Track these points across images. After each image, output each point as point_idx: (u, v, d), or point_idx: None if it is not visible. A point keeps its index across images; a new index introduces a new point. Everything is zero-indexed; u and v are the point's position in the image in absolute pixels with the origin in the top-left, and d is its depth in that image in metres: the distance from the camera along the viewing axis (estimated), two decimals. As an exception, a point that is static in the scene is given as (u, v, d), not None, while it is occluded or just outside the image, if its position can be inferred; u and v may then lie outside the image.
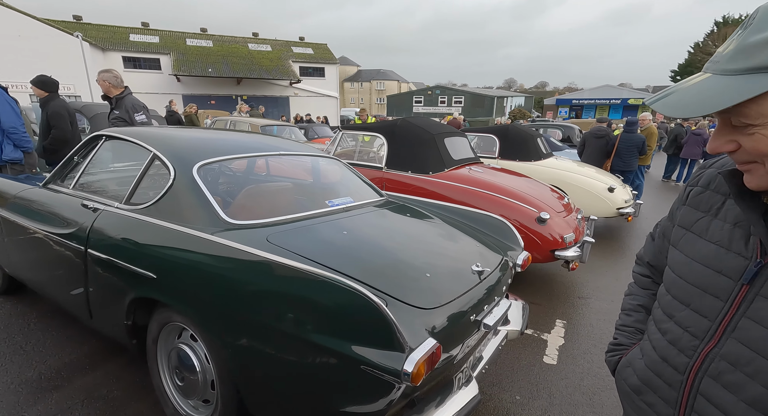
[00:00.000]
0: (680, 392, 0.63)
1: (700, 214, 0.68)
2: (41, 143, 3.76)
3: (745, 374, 0.55)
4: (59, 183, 2.22)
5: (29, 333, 2.31)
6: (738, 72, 0.48)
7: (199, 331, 1.47)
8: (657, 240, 0.85)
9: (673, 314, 0.66)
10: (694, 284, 0.64)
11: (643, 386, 0.70)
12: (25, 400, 1.79)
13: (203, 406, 1.61)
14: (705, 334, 0.60)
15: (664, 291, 0.70)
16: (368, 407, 1.18)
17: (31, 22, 17.38)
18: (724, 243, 0.62)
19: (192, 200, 1.67)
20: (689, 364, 0.62)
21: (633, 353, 0.76)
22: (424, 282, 1.45)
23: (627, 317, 0.86)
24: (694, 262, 0.65)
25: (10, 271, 2.48)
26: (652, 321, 0.72)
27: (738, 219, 0.61)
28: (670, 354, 0.65)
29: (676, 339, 0.64)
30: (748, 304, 0.56)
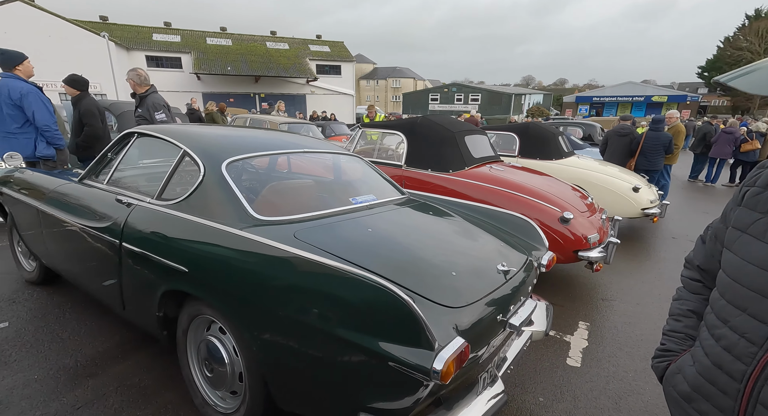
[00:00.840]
0: (738, 400, 0.61)
1: (758, 215, 0.65)
2: (74, 140, 3.91)
3: None
4: (94, 178, 2.30)
5: (65, 322, 2.42)
6: None
7: (228, 324, 1.50)
8: (708, 243, 0.82)
9: (728, 319, 0.64)
10: (750, 288, 0.62)
11: (695, 393, 0.68)
12: (63, 386, 1.87)
13: (231, 397, 1.65)
14: (765, 341, 0.58)
15: (718, 296, 0.68)
16: (395, 404, 1.19)
17: (61, 23, 18.04)
18: None
19: (221, 196, 1.71)
20: (747, 372, 0.60)
21: (683, 360, 0.75)
22: (450, 281, 1.45)
23: (676, 322, 0.84)
24: (751, 265, 0.63)
25: (47, 262, 2.59)
26: (705, 328, 0.70)
27: None
28: (724, 361, 0.63)
29: (732, 345, 0.63)
30: None
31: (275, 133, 2.74)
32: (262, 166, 2.67)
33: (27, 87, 3.34)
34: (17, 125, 3.35)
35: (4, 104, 3.28)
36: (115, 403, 1.78)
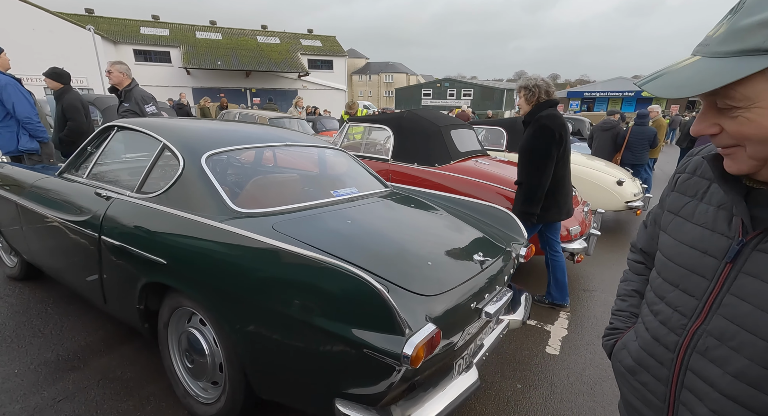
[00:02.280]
0: (671, 369, 0.65)
1: (687, 199, 0.70)
2: (57, 135, 3.85)
3: (730, 348, 0.57)
4: (73, 172, 2.29)
5: (47, 318, 2.41)
6: (728, 54, 0.49)
7: (208, 315, 1.52)
8: (649, 228, 0.87)
9: (664, 295, 0.69)
10: (682, 265, 0.66)
11: (637, 366, 0.73)
12: (44, 379, 1.87)
13: (212, 387, 1.67)
14: (693, 312, 0.63)
15: (656, 275, 0.73)
16: (369, 389, 1.22)
17: (45, 16, 17.61)
18: (709, 225, 0.64)
19: (200, 189, 1.72)
20: (679, 342, 0.64)
21: (628, 336, 0.79)
22: (426, 271, 1.48)
23: (622, 302, 0.89)
24: (682, 245, 0.67)
25: (28, 258, 2.57)
26: (645, 305, 0.75)
27: (721, 201, 0.64)
28: (661, 334, 0.67)
29: (667, 319, 0.67)
30: (731, 282, 0.59)
31: (260, 127, 2.74)
32: (247, 160, 2.67)
33: (4, 79, 3.28)
34: None
35: None
36: (97, 396, 1.79)
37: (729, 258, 0.59)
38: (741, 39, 0.48)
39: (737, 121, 0.53)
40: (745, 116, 0.52)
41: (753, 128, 0.52)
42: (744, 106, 0.51)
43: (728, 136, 0.55)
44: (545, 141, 2.42)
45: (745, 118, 0.52)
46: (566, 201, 2.64)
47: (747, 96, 0.50)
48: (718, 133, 0.56)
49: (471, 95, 41.35)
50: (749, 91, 0.50)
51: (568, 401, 1.91)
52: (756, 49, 0.47)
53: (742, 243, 0.58)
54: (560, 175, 2.55)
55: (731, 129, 0.54)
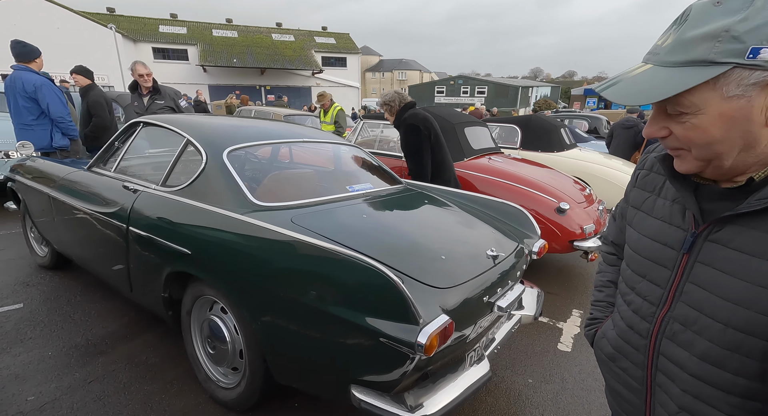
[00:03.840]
0: (646, 354, 0.70)
1: (647, 194, 0.75)
2: (82, 130, 4.01)
3: (693, 332, 0.62)
4: (102, 166, 2.39)
5: (76, 304, 2.53)
6: (677, 64, 0.53)
7: (229, 304, 1.59)
8: (617, 221, 0.92)
9: (634, 286, 0.73)
10: (647, 257, 0.71)
11: (617, 353, 0.77)
12: (75, 362, 1.98)
13: (232, 373, 1.75)
14: (659, 301, 0.68)
15: (626, 266, 0.77)
16: (383, 376, 1.27)
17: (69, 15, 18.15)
18: (667, 219, 0.69)
19: (222, 182, 1.79)
20: (650, 329, 0.69)
21: (606, 325, 0.83)
22: (439, 264, 1.52)
23: (599, 293, 0.93)
24: (646, 238, 0.72)
25: (58, 248, 2.70)
26: (619, 295, 0.79)
27: (675, 196, 0.69)
28: (634, 322, 0.72)
29: (638, 307, 0.71)
30: (689, 271, 0.63)
31: (277, 124, 2.81)
32: (264, 156, 2.74)
33: (40, 79, 3.43)
34: (33, 117, 3.46)
35: (19, 97, 3.38)
36: (124, 378, 1.88)
37: (685, 249, 0.64)
38: (687, 50, 0.52)
39: (685, 126, 0.56)
40: (691, 122, 0.55)
41: (699, 133, 0.55)
42: (691, 112, 0.55)
43: (676, 139, 0.59)
44: (414, 134, 2.81)
45: (691, 124, 0.55)
46: (450, 178, 3.01)
47: (694, 103, 0.54)
48: (667, 136, 0.59)
49: (485, 92, 40.91)
50: (696, 98, 0.53)
51: (579, 397, 1.92)
52: (701, 60, 0.51)
53: (695, 235, 0.63)
54: (439, 158, 2.93)
55: (679, 133, 0.58)
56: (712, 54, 0.50)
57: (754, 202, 0.56)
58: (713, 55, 0.50)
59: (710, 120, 0.54)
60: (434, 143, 2.87)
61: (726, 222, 0.60)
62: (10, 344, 2.10)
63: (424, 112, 2.93)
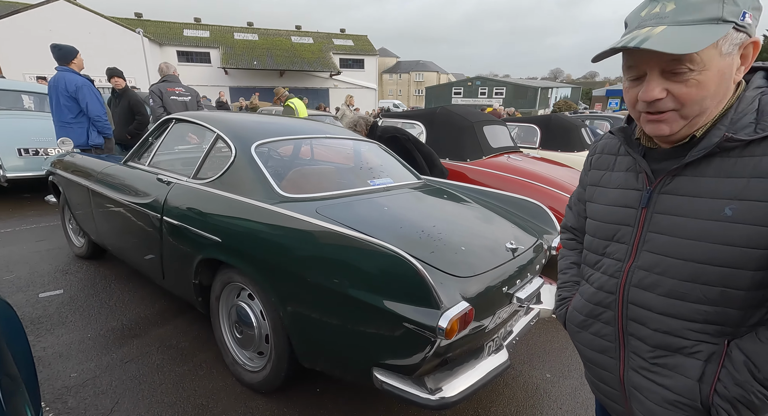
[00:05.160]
0: (615, 309, 0.77)
1: (603, 172, 0.86)
2: (122, 129, 4.23)
3: (657, 274, 0.70)
4: (137, 160, 2.53)
5: (111, 292, 2.68)
6: (693, 22, 0.60)
7: (257, 290, 1.67)
8: (573, 207, 1.01)
9: (603, 251, 0.81)
10: (611, 222, 0.80)
11: (588, 319, 0.84)
12: (112, 343, 2.11)
13: (258, 357, 1.83)
14: (625, 255, 0.76)
15: (591, 238, 0.86)
16: (405, 360, 1.31)
17: (100, 20, 18.96)
18: (623, 185, 0.79)
19: (251, 175, 1.87)
20: (618, 283, 0.76)
21: (575, 300, 0.91)
22: (459, 255, 1.56)
23: (564, 275, 1.00)
24: (609, 206, 0.81)
25: (95, 238, 2.86)
26: (586, 267, 0.88)
27: (628, 165, 0.80)
28: (603, 283, 0.80)
29: (607, 268, 0.80)
30: (648, 222, 0.73)
31: (300, 121, 2.90)
32: (287, 153, 2.84)
33: (81, 80, 3.64)
34: (72, 115, 3.67)
35: (61, 96, 3.60)
36: (157, 360, 1.99)
37: (643, 203, 0.74)
38: (699, 10, 0.60)
39: (688, 83, 0.62)
40: (696, 78, 0.61)
41: (700, 89, 0.62)
42: (698, 69, 0.61)
43: (672, 100, 0.64)
44: (396, 143, 3.04)
45: (695, 81, 0.62)
46: (440, 165, 3.28)
47: (703, 60, 0.60)
48: (664, 97, 0.64)
49: (503, 94, 40.47)
50: (705, 55, 0.60)
51: (597, 392, 1.92)
52: (715, 18, 0.59)
53: (650, 191, 0.73)
54: (425, 151, 3.17)
55: (680, 92, 0.63)
56: (723, 13, 0.58)
57: (694, 153, 0.67)
58: (725, 14, 0.58)
59: (711, 75, 0.61)
60: (414, 141, 3.14)
61: (674, 176, 0.70)
62: (53, 326, 2.25)
63: (388, 125, 3.47)
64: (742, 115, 0.65)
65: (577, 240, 1.00)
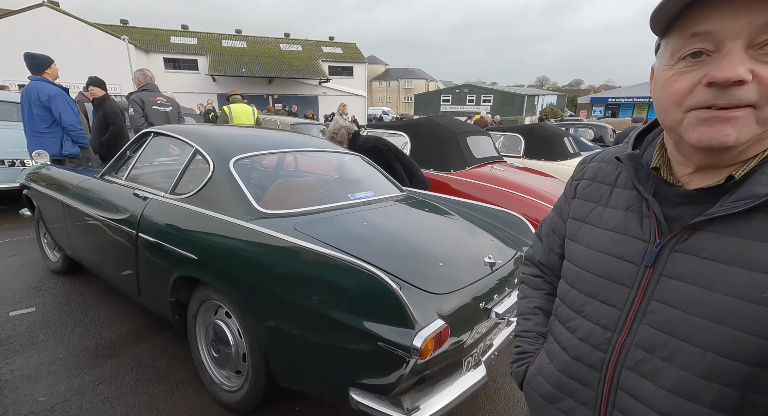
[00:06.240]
0: (599, 391, 0.59)
1: (593, 205, 0.67)
2: (97, 139, 4.14)
3: (662, 359, 0.53)
4: (114, 174, 2.48)
5: (86, 309, 2.60)
6: None
7: (233, 308, 1.64)
8: (545, 239, 0.82)
9: (582, 309, 0.63)
10: (598, 274, 0.61)
11: (558, 392, 0.66)
12: (85, 364, 2.04)
13: (235, 377, 1.79)
14: (616, 324, 0.57)
15: (568, 288, 0.67)
16: (382, 379, 1.30)
17: (84, 27, 18.70)
18: (621, 229, 0.60)
19: (228, 191, 1.85)
20: (605, 359, 0.58)
21: (539, 359, 0.71)
22: (437, 270, 1.56)
23: (526, 321, 0.80)
24: (596, 252, 0.63)
25: (70, 253, 2.79)
26: (557, 322, 0.69)
27: (629, 204, 0.61)
28: (583, 353, 0.61)
29: (588, 334, 0.61)
30: (654, 286, 0.55)
31: (282, 133, 2.89)
32: (270, 164, 2.82)
33: (54, 89, 3.57)
34: (45, 125, 3.59)
35: (33, 105, 3.52)
36: (132, 381, 1.94)
37: (649, 262, 0.55)
38: None
39: None
40: None
41: None
42: None
43: (757, 89, 0.44)
44: (377, 154, 3.03)
45: None
46: (421, 175, 3.27)
47: None
48: (747, 82, 0.44)
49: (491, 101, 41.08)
50: None
51: (578, 404, 1.93)
52: None
53: (659, 245, 0.55)
54: (406, 161, 3.20)
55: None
56: None
57: (729, 205, 0.49)
58: None
59: None
60: (395, 152, 3.15)
61: (695, 229, 0.52)
62: (23, 346, 2.17)
63: (370, 134, 3.41)
64: None
65: (545, 279, 0.82)
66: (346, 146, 3.14)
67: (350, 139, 3.20)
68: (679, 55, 0.49)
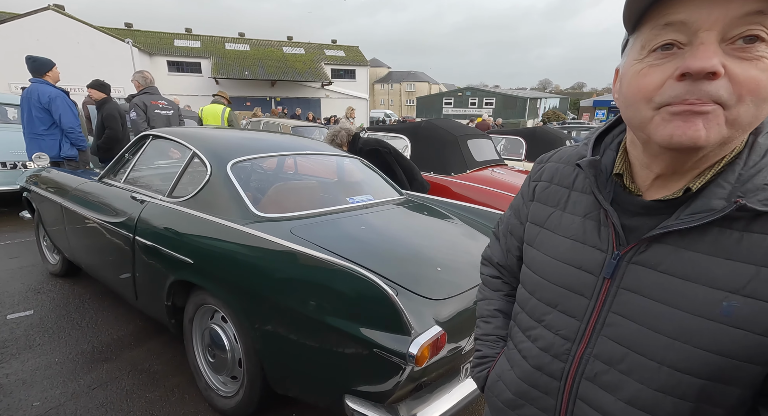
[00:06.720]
0: (558, 399, 0.59)
1: (551, 209, 0.65)
2: (96, 142, 4.15)
3: (620, 372, 0.52)
4: (112, 177, 2.48)
5: (84, 312, 2.59)
6: None
7: (229, 312, 1.62)
8: (502, 239, 0.79)
9: (542, 318, 0.62)
10: (558, 284, 0.60)
11: (519, 399, 0.65)
12: (81, 368, 2.03)
13: (231, 382, 1.77)
14: (576, 335, 0.57)
15: (528, 296, 0.66)
16: (377, 387, 1.28)
17: (89, 30, 18.86)
18: (579, 237, 0.58)
19: (226, 194, 1.84)
20: (565, 369, 0.58)
21: (500, 365, 0.70)
22: (435, 275, 1.54)
23: (486, 324, 0.78)
24: (555, 261, 0.61)
25: (68, 256, 2.78)
26: (518, 329, 0.68)
27: (587, 210, 0.59)
28: (544, 362, 0.61)
29: (549, 345, 0.60)
30: (612, 299, 0.53)
31: (282, 136, 2.88)
32: (269, 167, 2.81)
33: (55, 92, 3.58)
34: (44, 127, 3.60)
35: (33, 107, 3.53)
36: (127, 385, 1.92)
37: (607, 274, 0.54)
38: None
39: (759, 64, 0.41)
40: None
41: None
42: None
43: (727, 87, 0.42)
44: (377, 157, 3.00)
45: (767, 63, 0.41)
46: (421, 178, 3.26)
47: None
48: (718, 77, 0.42)
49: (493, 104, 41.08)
50: None
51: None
52: None
53: (618, 257, 0.53)
54: (406, 165, 3.17)
55: (746, 75, 0.41)
56: None
57: (685, 218, 0.48)
58: None
59: None
60: (396, 154, 3.13)
61: (652, 241, 0.51)
62: (19, 350, 2.16)
63: (370, 137, 3.38)
64: (755, 171, 0.46)
65: (503, 279, 0.80)
66: (347, 148, 3.12)
67: (350, 141, 3.19)
68: (649, 48, 0.46)
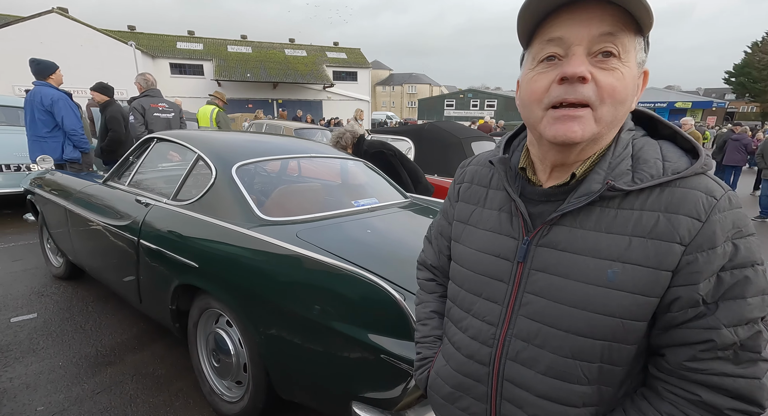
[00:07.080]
0: (488, 384, 0.63)
1: (473, 207, 0.71)
2: (99, 144, 4.16)
3: (536, 346, 0.58)
4: (116, 180, 2.47)
5: (88, 315, 2.58)
6: None
7: (234, 317, 1.61)
8: (434, 242, 0.84)
9: (470, 308, 0.67)
10: (481, 273, 0.66)
11: (456, 392, 0.68)
12: (84, 372, 2.02)
13: (236, 387, 1.76)
14: (499, 319, 0.62)
15: (457, 289, 0.71)
16: (385, 393, 1.26)
17: (92, 33, 18.98)
18: (496, 229, 0.65)
19: (230, 197, 1.83)
20: (492, 353, 0.62)
21: (438, 362, 0.74)
22: (442, 280, 1.52)
23: (423, 327, 0.82)
24: (478, 253, 0.67)
25: (72, 259, 2.78)
26: (450, 323, 0.72)
27: (501, 204, 0.66)
28: (474, 350, 0.65)
29: (477, 332, 0.65)
30: (526, 280, 0.60)
31: (286, 139, 2.88)
32: (273, 169, 2.80)
33: (58, 94, 3.59)
34: (47, 129, 3.61)
35: (36, 110, 3.54)
36: (131, 390, 1.91)
37: (520, 257, 0.60)
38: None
39: (614, 73, 0.51)
40: (621, 70, 0.52)
41: (623, 85, 0.52)
42: (624, 59, 0.51)
43: (594, 89, 0.51)
44: (381, 159, 2.96)
45: (620, 73, 0.51)
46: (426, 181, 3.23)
47: (627, 50, 0.51)
48: (587, 81, 0.51)
49: (495, 106, 41.05)
50: (629, 45, 0.51)
51: None
52: None
53: (527, 242, 0.60)
54: (411, 167, 3.14)
55: (605, 81, 0.51)
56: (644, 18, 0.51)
57: (574, 201, 0.56)
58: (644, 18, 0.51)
59: (629, 75, 0.52)
60: (400, 157, 3.09)
61: (552, 225, 0.58)
62: (23, 353, 2.15)
63: (375, 139, 3.35)
64: (620, 159, 0.56)
65: (438, 281, 0.83)
66: (351, 151, 3.11)
67: (355, 143, 3.18)
68: (538, 59, 0.56)
